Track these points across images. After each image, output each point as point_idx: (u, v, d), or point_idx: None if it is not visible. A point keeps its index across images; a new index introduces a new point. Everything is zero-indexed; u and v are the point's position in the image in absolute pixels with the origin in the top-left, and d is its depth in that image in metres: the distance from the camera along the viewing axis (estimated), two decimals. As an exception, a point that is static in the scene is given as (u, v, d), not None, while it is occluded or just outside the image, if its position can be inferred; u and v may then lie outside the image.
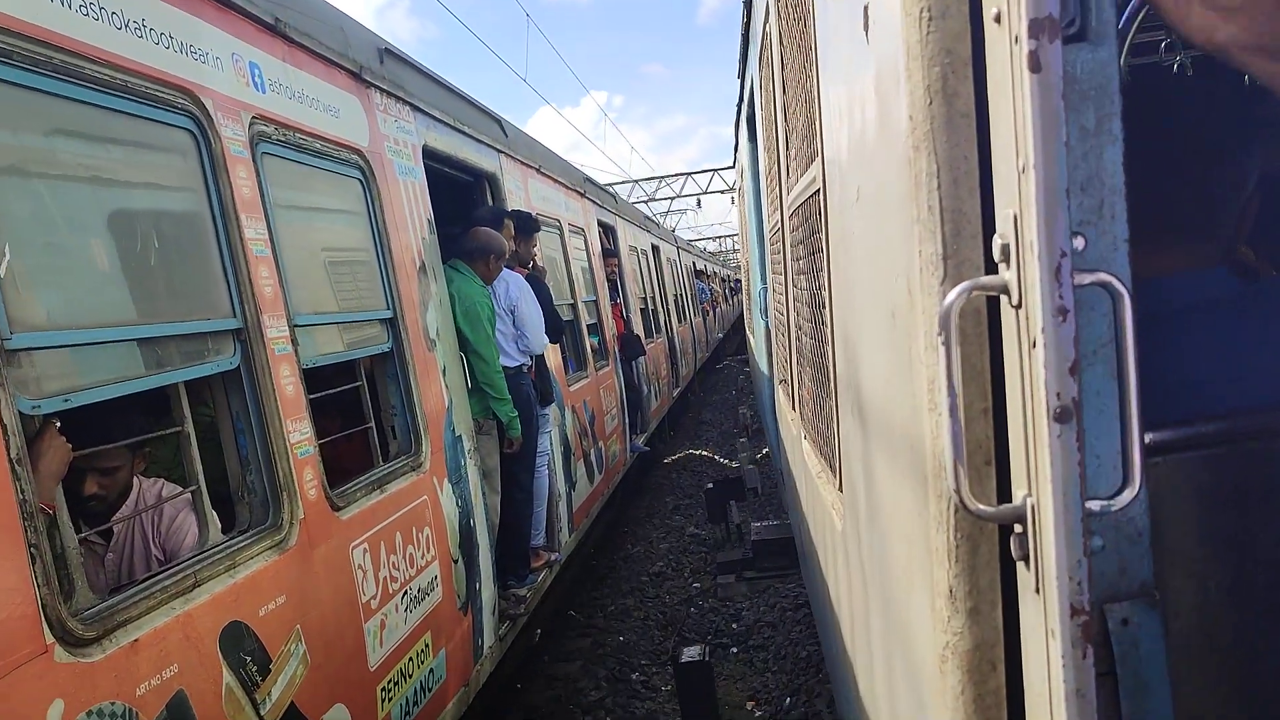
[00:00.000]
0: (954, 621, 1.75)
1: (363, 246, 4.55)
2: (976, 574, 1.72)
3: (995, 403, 1.66)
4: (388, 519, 4.13)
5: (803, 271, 4.45)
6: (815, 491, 4.54)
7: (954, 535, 1.73)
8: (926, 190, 1.71)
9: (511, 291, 6.15)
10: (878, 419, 2.49)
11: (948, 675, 1.79)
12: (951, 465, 1.50)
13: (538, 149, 8.84)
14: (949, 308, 1.47)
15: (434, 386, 4.96)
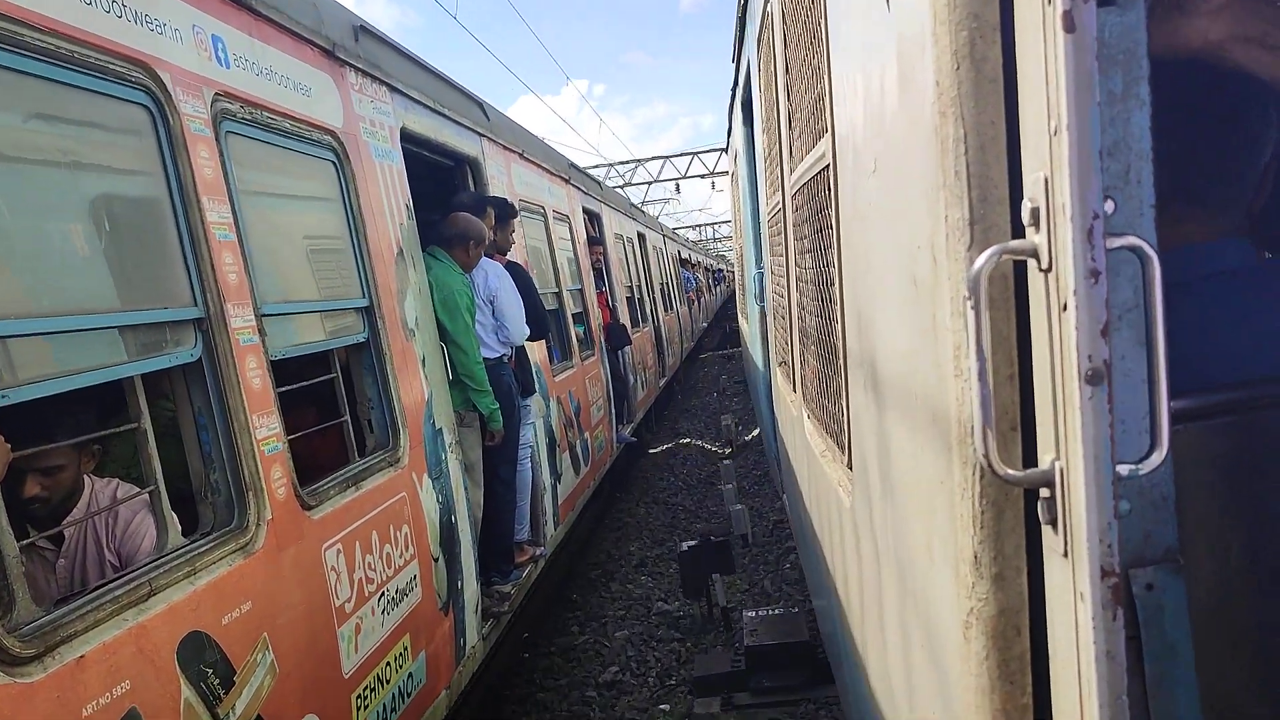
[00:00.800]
0: (979, 588, 1.76)
1: (337, 232, 4.35)
2: (1002, 540, 1.72)
3: (1020, 369, 1.66)
4: (363, 517, 3.94)
5: (808, 250, 4.40)
6: (819, 471, 4.52)
7: (979, 502, 1.73)
8: (954, 156, 1.69)
9: (490, 281, 5.95)
10: (895, 391, 2.47)
11: (972, 641, 1.79)
12: (980, 430, 1.49)
13: (521, 133, 8.63)
14: (978, 272, 1.46)
15: (413, 378, 4.77)
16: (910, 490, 2.35)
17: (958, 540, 1.83)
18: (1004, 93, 1.66)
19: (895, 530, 2.63)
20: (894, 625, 2.80)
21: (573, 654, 7.30)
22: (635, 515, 11.49)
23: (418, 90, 5.64)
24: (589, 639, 7.56)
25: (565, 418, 8.29)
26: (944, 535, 1.95)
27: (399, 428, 4.49)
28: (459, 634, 4.98)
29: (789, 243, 5.42)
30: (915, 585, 2.38)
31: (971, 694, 1.83)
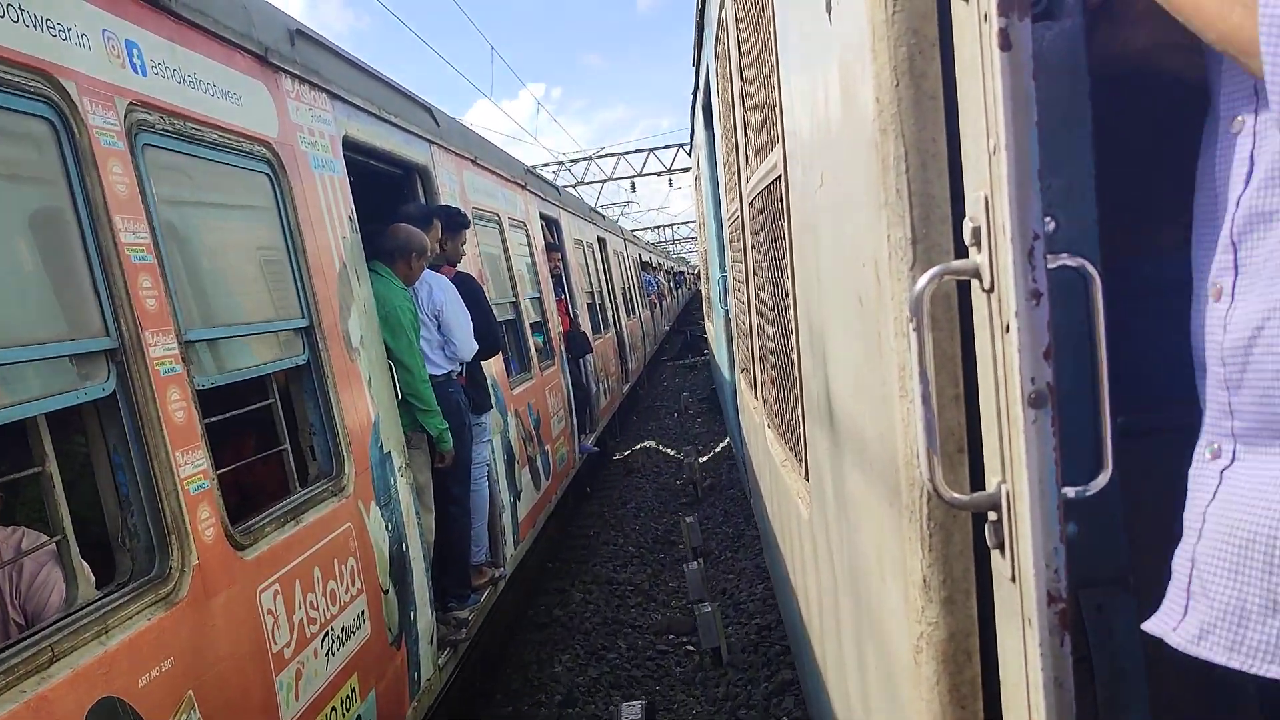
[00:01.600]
0: (928, 611, 1.74)
1: (273, 249, 4.10)
2: (950, 563, 1.71)
3: (966, 389, 1.65)
4: (304, 554, 3.69)
5: (764, 259, 4.38)
6: (780, 480, 4.44)
7: (927, 524, 1.71)
8: (895, 174, 1.67)
9: (435, 295, 5.70)
10: (845, 408, 2.44)
11: (923, 665, 1.77)
12: (925, 453, 1.47)
13: (473, 139, 8.38)
14: (920, 293, 1.43)
15: (358, 400, 4.52)
16: (862, 509, 2.30)
17: (907, 563, 1.80)
18: (945, 109, 1.63)
19: (850, 548, 2.59)
20: (850, 643, 2.76)
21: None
22: (570, 603, 8.28)
23: (361, 96, 5.39)
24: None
25: (524, 431, 8.05)
26: (894, 557, 1.92)
27: (343, 454, 4.25)
28: (413, 668, 4.73)
29: (747, 250, 5.40)
30: (869, 604, 2.35)
31: (923, 717, 1.80)
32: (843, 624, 2.91)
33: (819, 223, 2.59)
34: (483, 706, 6.41)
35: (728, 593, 8.23)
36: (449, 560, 5.87)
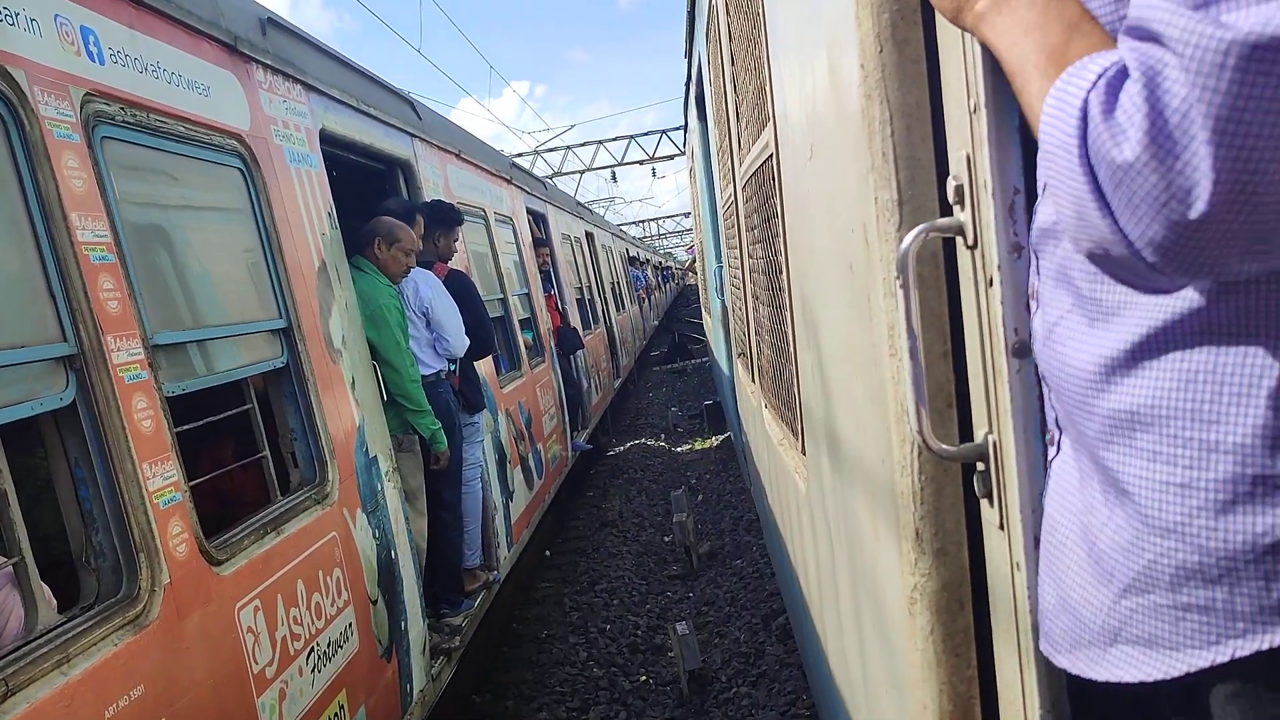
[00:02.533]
0: (921, 564, 1.77)
1: (247, 247, 3.91)
2: (942, 516, 1.74)
3: (954, 346, 1.68)
4: (285, 566, 3.50)
5: (758, 240, 4.39)
6: (777, 459, 4.49)
7: (919, 479, 1.74)
8: (880, 138, 1.70)
9: (423, 292, 5.50)
10: (839, 375, 2.47)
11: (917, 617, 1.80)
12: (914, 407, 1.50)
13: (457, 133, 8.19)
14: (905, 251, 1.46)
15: (341, 403, 4.34)
16: (856, 471, 2.34)
17: (900, 518, 1.84)
18: (928, 74, 1.66)
19: (845, 512, 2.62)
20: (848, 605, 2.78)
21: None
22: (519, 692, 6.22)
23: (339, 89, 5.20)
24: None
25: (516, 431, 7.87)
26: (887, 513, 1.95)
27: (326, 459, 4.06)
28: (405, 679, 4.55)
29: (742, 234, 5.43)
30: (864, 564, 2.38)
31: (918, 668, 1.83)
32: (840, 589, 2.93)
33: (810, 195, 2.60)
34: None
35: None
36: (441, 566, 5.69)
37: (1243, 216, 0.93)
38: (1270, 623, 1.03)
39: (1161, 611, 1.09)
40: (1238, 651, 1.04)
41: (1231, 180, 0.92)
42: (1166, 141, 0.94)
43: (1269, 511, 1.02)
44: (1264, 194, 0.92)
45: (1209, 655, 1.06)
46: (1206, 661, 1.07)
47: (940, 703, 1.79)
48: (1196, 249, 0.97)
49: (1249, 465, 1.03)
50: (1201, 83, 0.90)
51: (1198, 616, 1.07)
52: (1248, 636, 1.04)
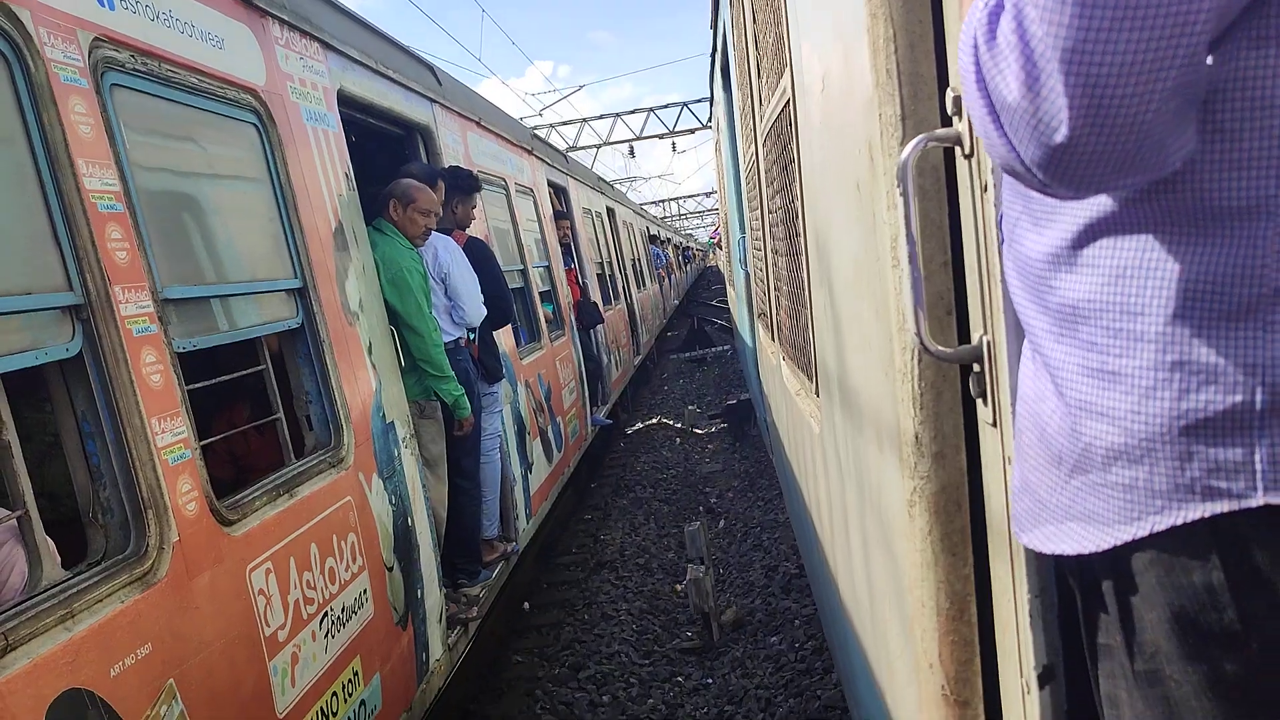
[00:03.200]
0: (920, 467, 1.83)
1: (262, 204, 3.82)
2: (940, 420, 1.79)
3: (954, 257, 1.73)
4: (299, 529, 3.44)
5: (777, 191, 4.50)
6: (796, 412, 4.64)
7: (919, 385, 1.80)
8: (884, 55, 1.75)
9: (441, 257, 5.41)
10: (847, 299, 2.53)
11: (916, 519, 1.86)
12: (912, 310, 1.55)
13: (478, 101, 8.09)
14: (905, 160, 1.50)
15: (358, 367, 4.26)
16: (862, 390, 2.41)
17: (900, 424, 1.89)
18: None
19: (852, 435, 2.71)
20: (855, 529, 2.85)
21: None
22: None
23: (357, 49, 5.10)
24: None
25: (535, 402, 7.79)
26: (889, 422, 2.02)
27: (342, 423, 3.99)
28: (420, 648, 4.49)
29: (762, 189, 5.41)
30: (869, 480, 2.46)
31: (917, 568, 1.88)
32: (849, 515, 2.99)
33: (822, 127, 2.66)
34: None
35: None
36: (459, 536, 5.63)
37: (1102, 140, 1.01)
38: (1184, 500, 1.10)
39: (1097, 490, 1.17)
40: (1155, 527, 1.12)
41: (1085, 108, 0.99)
42: (1034, 71, 1.02)
43: (1185, 396, 1.08)
44: (1116, 119, 0.99)
45: (1131, 530, 1.14)
46: (1129, 535, 1.14)
47: (938, 600, 1.85)
48: (1072, 170, 1.06)
49: (1168, 352, 1.09)
50: (1049, 17, 0.98)
51: (1123, 495, 1.14)
52: (1164, 513, 1.11)
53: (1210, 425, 1.07)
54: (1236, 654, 1.09)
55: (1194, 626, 1.11)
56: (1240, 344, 1.05)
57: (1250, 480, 1.06)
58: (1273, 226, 1.03)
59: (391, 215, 5.07)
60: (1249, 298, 1.04)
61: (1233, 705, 1.10)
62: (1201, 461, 1.08)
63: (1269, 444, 1.05)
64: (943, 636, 1.86)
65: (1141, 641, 1.18)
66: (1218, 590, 1.09)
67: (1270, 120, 1.02)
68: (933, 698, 1.90)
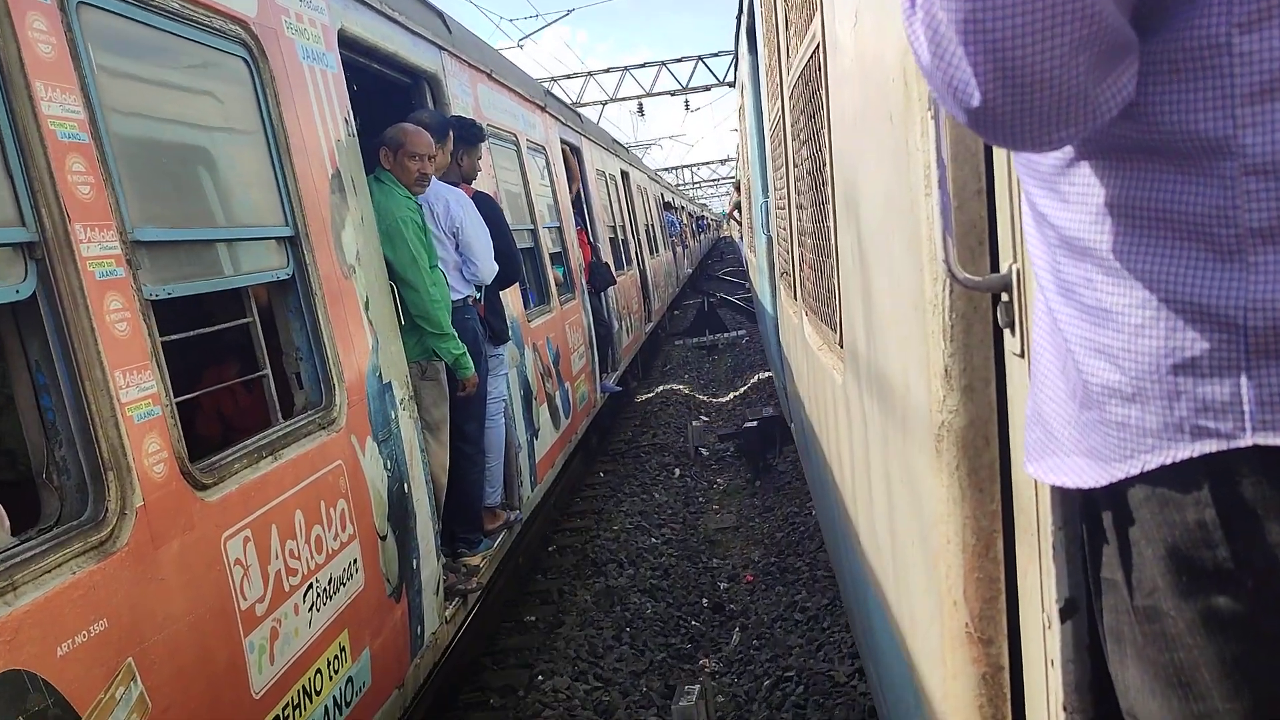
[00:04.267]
0: (949, 400, 1.79)
1: (251, 145, 3.56)
2: (971, 352, 1.76)
3: (989, 186, 1.69)
4: (283, 494, 3.20)
5: (804, 143, 4.47)
6: (817, 367, 4.64)
7: (949, 315, 1.76)
8: None
9: (454, 210, 5.14)
10: (877, 235, 2.48)
11: (944, 453, 1.82)
12: (941, 237, 1.54)
13: (489, 52, 7.78)
14: None
15: (353, 323, 4.01)
16: (890, 328, 2.37)
17: (929, 357, 1.86)
18: None
19: (878, 378, 2.66)
20: (878, 473, 2.80)
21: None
22: None
23: (360, -13, 4.81)
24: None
25: (543, 367, 7.54)
26: (918, 355, 1.98)
27: (334, 382, 3.74)
28: (415, 621, 4.27)
29: (788, 145, 5.34)
30: (894, 422, 2.41)
31: (943, 503, 1.84)
32: (872, 461, 2.93)
33: (852, 65, 2.61)
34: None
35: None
36: (460, 503, 5.39)
37: (1017, 101, 1.03)
38: (1173, 439, 1.09)
39: (1098, 426, 1.17)
40: (1146, 465, 1.12)
41: (991, 73, 1.01)
42: (939, 41, 1.04)
43: (1171, 334, 1.07)
44: (1025, 80, 1.01)
45: (1125, 467, 1.14)
46: (1123, 473, 1.15)
47: (964, 536, 1.82)
48: (999, 130, 1.08)
49: (1155, 291, 1.08)
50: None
51: (1117, 432, 1.15)
52: (1155, 451, 1.11)
53: (1198, 364, 1.06)
54: (1229, 591, 1.08)
55: (1188, 563, 1.11)
56: (1224, 283, 1.04)
57: (1239, 420, 1.05)
58: (1237, 166, 1.01)
59: (384, 164, 4.80)
60: (1228, 237, 1.03)
61: (1225, 642, 1.09)
62: (1190, 401, 1.08)
63: (1256, 384, 1.03)
64: (968, 573, 1.83)
65: (1141, 577, 1.17)
66: (1210, 527, 1.08)
67: (1218, 59, 0.99)
68: (956, 635, 1.88)
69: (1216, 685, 1.11)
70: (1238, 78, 0.99)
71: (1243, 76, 0.99)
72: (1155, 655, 1.16)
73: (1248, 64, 0.98)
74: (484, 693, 5.48)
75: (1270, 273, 1.01)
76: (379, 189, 4.65)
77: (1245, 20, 0.97)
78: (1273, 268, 1.01)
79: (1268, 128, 0.99)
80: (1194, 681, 1.13)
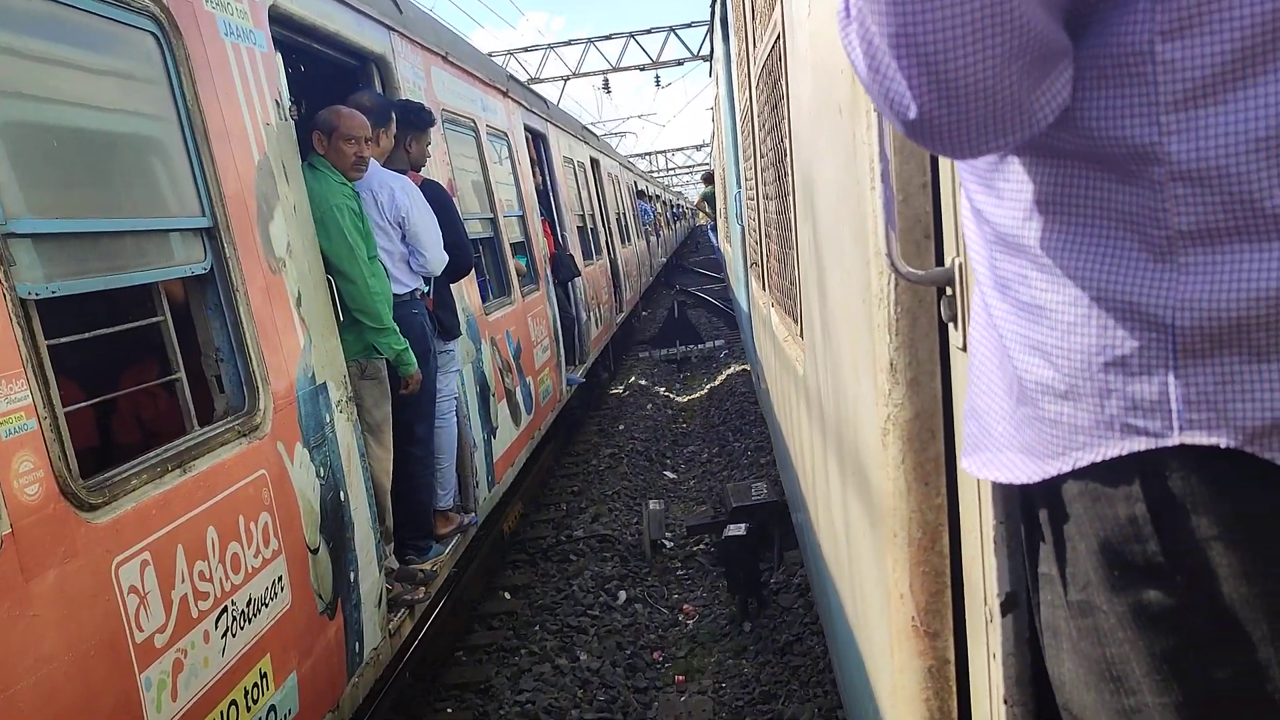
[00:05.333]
0: (894, 394, 1.81)
1: (160, 128, 3.26)
2: (915, 346, 1.76)
3: (935, 180, 1.70)
4: (192, 511, 2.92)
5: (769, 132, 4.42)
6: (784, 359, 4.55)
7: (894, 309, 1.77)
8: None
9: (399, 198, 4.85)
10: (829, 228, 2.47)
11: (889, 447, 1.84)
12: (884, 230, 1.57)
13: (445, 34, 7.48)
14: None
15: (282, 320, 3.72)
16: (841, 321, 2.36)
17: (875, 351, 1.87)
18: None
19: (832, 369, 2.68)
20: (834, 465, 2.80)
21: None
22: None
23: (295, -40, 4.51)
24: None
25: (502, 361, 7.26)
26: (865, 349, 1.98)
27: (258, 385, 3.46)
28: (352, 638, 3.99)
29: (755, 136, 5.28)
30: (846, 413, 2.43)
31: (890, 497, 1.85)
32: (828, 451, 2.92)
33: (807, 54, 2.59)
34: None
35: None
36: (409, 508, 5.12)
37: (952, 112, 1.03)
38: (1104, 436, 1.10)
39: (1031, 423, 1.17)
40: (1078, 462, 1.12)
41: (925, 85, 1.01)
42: (873, 53, 1.04)
43: (1103, 332, 1.07)
44: (959, 91, 1.01)
45: (1058, 464, 1.14)
46: (1056, 470, 1.15)
47: (910, 530, 1.81)
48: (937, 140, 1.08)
49: (1087, 288, 1.08)
50: (873, 6, 1.00)
51: (1051, 429, 1.15)
52: (1086, 449, 1.11)
53: (1127, 363, 1.07)
54: (1159, 586, 1.09)
55: (1119, 558, 1.11)
56: (1154, 283, 1.04)
57: (1167, 419, 1.05)
58: (1164, 171, 1.01)
59: (318, 148, 4.51)
60: (1158, 238, 1.03)
61: (1155, 636, 1.10)
62: (1119, 399, 1.08)
63: (1183, 383, 1.04)
64: (914, 567, 1.83)
65: (1075, 572, 1.17)
66: (1140, 522, 1.09)
67: (1142, 67, 0.99)
68: (903, 629, 1.87)
69: (1146, 679, 1.11)
70: (1161, 85, 0.99)
71: (1166, 84, 0.98)
72: (1088, 649, 1.17)
73: (1170, 72, 0.98)
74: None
75: (1198, 273, 1.01)
76: (312, 175, 4.37)
77: (1168, 28, 0.96)
78: (1201, 269, 1.01)
79: (1192, 135, 0.98)
80: (1125, 676, 1.13)
